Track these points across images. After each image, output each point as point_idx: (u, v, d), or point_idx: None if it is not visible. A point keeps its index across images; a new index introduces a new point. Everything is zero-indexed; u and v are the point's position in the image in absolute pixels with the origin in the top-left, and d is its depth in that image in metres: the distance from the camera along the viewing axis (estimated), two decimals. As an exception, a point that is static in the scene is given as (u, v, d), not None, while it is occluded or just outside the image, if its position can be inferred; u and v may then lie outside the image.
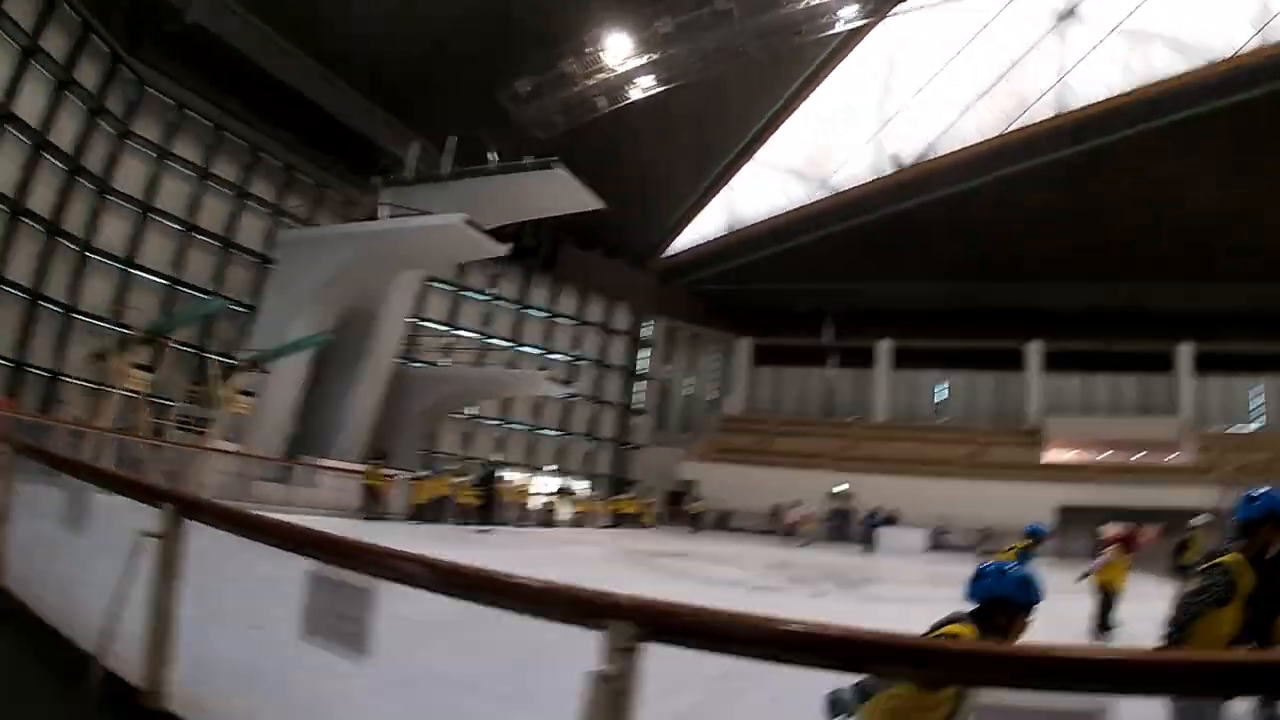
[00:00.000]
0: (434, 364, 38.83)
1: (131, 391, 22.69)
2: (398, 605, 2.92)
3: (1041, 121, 40.43)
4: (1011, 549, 11.10)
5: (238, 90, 32.18)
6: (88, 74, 27.62)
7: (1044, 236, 40.72)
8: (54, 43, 25.99)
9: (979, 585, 3.52)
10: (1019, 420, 47.72)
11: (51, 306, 27.10)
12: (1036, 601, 3.49)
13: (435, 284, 40.14)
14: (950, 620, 3.43)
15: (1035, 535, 11.36)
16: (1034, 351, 48.03)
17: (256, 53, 31.25)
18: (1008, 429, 47.16)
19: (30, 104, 25.28)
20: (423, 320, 40.10)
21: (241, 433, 25.33)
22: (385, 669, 3.20)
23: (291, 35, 31.70)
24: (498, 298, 44.85)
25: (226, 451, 23.50)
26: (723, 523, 40.77)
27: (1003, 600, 3.43)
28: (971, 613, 3.48)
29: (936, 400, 51.84)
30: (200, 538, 3.71)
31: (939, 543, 35.82)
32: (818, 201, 46.35)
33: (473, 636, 4.79)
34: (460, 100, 33.68)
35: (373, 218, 29.78)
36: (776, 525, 36.85)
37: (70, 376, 27.04)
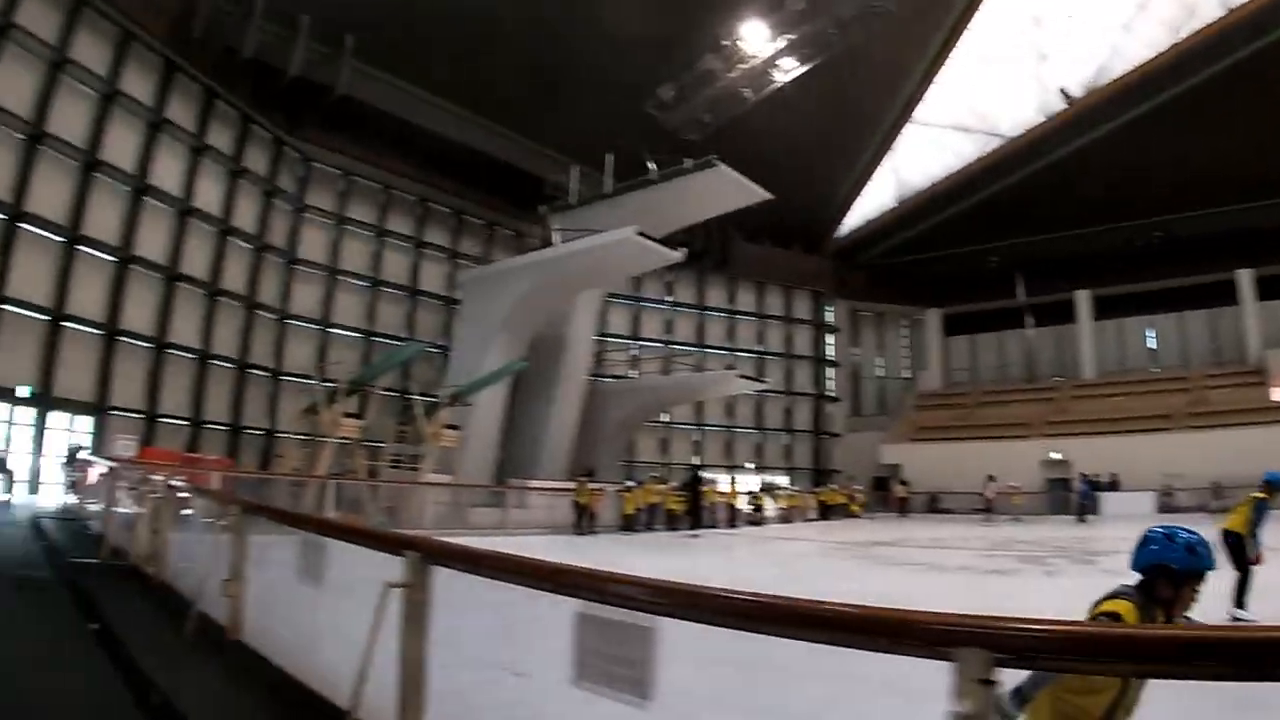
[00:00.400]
0: (624, 376, 39.65)
1: (344, 439, 23.67)
2: (670, 632, 2.60)
3: (1214, 22, 36.88)
4: (1246, 502, 9.63)
5: (398, 149, 34.03)
6: (257, 160, 30.61)
7: (1239, 149, 37.31)
8: (220, 138, 29.01)
9: (1141, 553, 3.17)
10: (1239, 358, 43.93)
11: (258, 372, 30.18)
12: (1206, 569, 3.12)
13: (614, 299, 40.75)
14: (1112, 595, 3.10)
15: (1273, 484, 9.74)
16: (1246, 279, 43.92)
17: (408, 111, 33.06)
18: (1228, 369, 43.37)
19: (209, 195, 28.39)
20: (607, 336, 40.86)
21: (451, 464, 26.19)
22: (672, 703, 2.80)
23: (437, 89, 33.17)
24: (676, 304, 45.23)
25: (439, 483, 24.43)
26: (932, 505, 39.43)
27: (1166, 569, 3.08)
28: (1137, 585, 3.14)
29: (1147, 348, 48.38)
30: (449, 581, 3.55)
31: (1166, 504, 32.92)
32: (989, 154, 44.21)
33: (761, 660, 3.85)
34: (610, 119, 33.91)
35: (546, 245, 30.64)
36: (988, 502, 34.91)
37: (284, 432, 29.40)
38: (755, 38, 34.81)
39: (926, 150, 45.49)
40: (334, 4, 29.64)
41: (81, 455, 19.38)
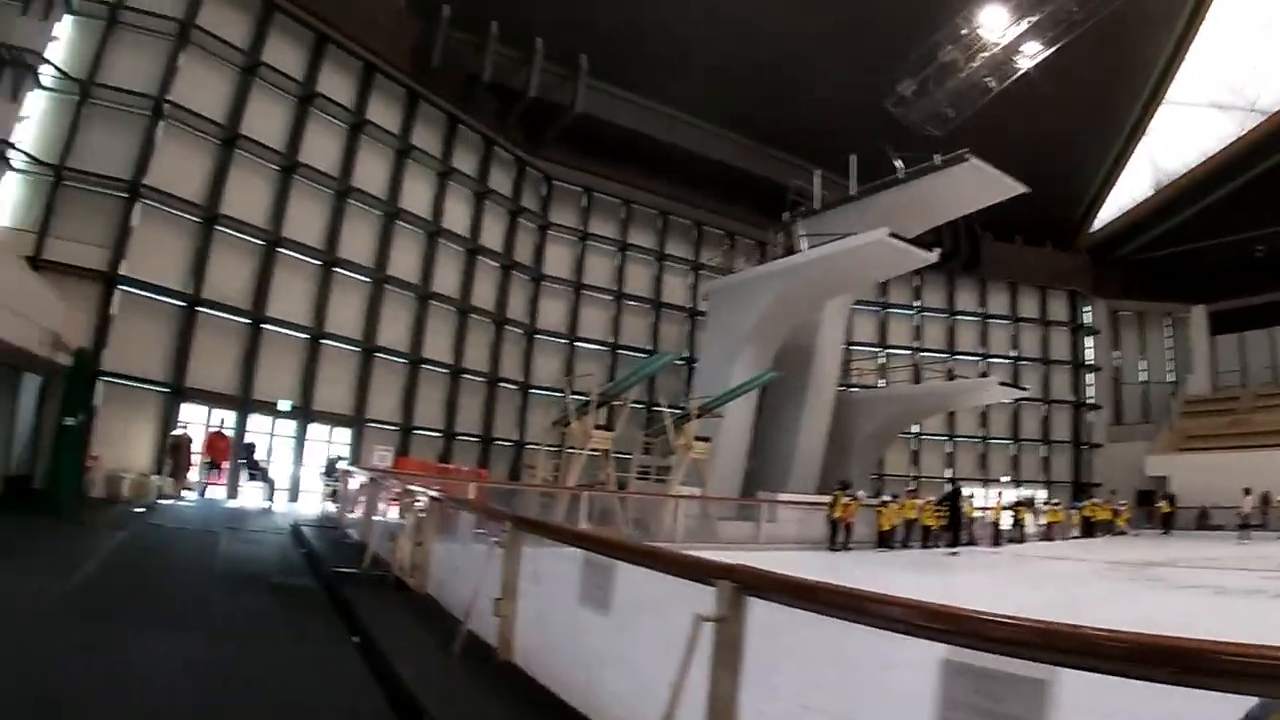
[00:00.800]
0: (874, 386, 37.63)
1: (594, 450, 22.74)
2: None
3: None
4: None
5: (636, 163, 33.00)
6: (501, 181, 30.59)
7: None
8: (464, 161, 29.16)
9: None
10: None
11: (508, 385, 30.28)
12: None
13: (859, 305, 37.69)
14: None
15: None
16: None
17: (644, 125, 32.01)
18: None
19: (456, 216, 28.65)
20: (855, 344, 38.46)
21: (700, 476, 24.69)
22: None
23: (672, 102, 32.00)
24: (925, 309, 42.08)
25: (689, 496, 23.17)
26: (1201, 520, 34.94)
27: None
28: None
29: None
30: (763, 611, 3.13)
31: None
32: (1250, 131, 38.46)
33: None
34: (850, 119, 31.89)
35: (790, 253, 28.79)
36: (1262, 518, 30.84)
37: (533, 443, 29.20)
38: (995, 23, 31.59)
39: (1183, 132, 39.89)
40: (567, 26, 28.88)
41: (340, 465, 19.29)
